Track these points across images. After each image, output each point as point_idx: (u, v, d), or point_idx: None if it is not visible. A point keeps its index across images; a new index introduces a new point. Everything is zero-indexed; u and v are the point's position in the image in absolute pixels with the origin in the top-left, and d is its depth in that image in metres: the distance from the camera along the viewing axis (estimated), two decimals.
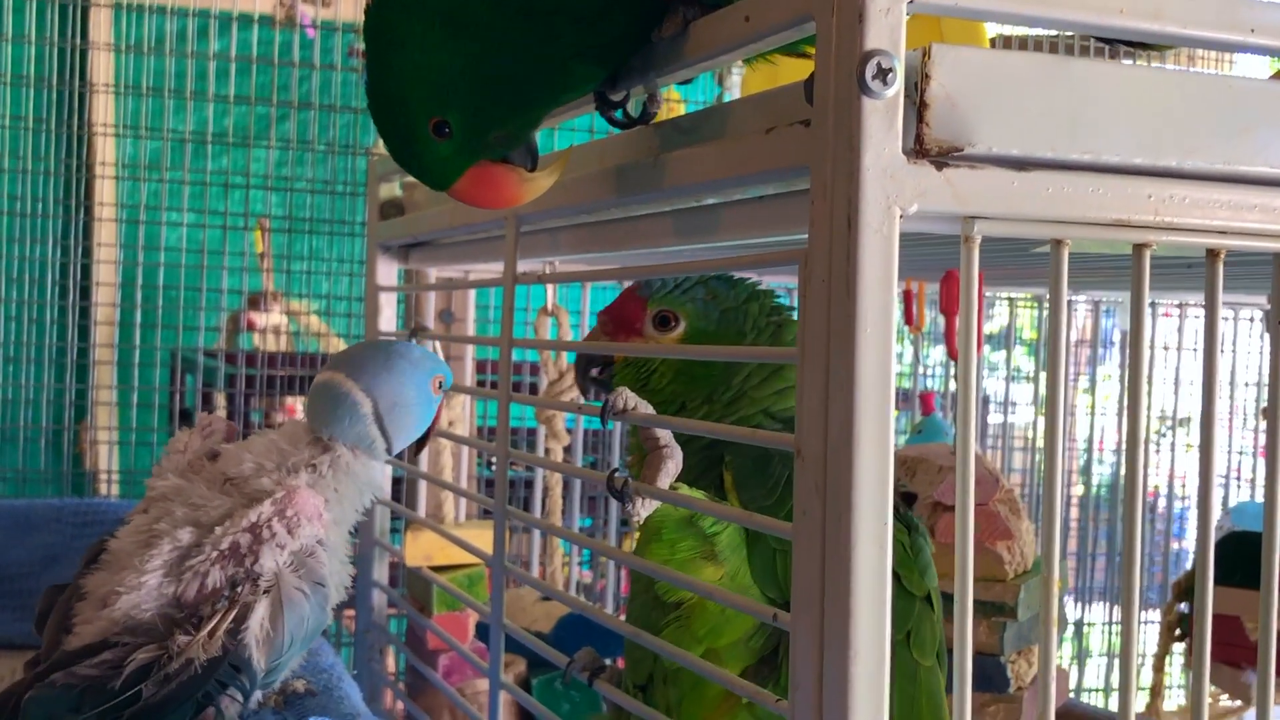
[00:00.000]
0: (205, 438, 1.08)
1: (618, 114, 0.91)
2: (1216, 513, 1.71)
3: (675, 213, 0.97)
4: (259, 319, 2.82)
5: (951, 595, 1.17)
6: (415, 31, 0.78)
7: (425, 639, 1.42)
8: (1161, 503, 2.76)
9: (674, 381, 1.05)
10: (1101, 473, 2.81)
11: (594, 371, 1.12)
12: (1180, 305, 2.38)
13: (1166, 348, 2.53)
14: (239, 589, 0.95)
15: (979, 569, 1.28)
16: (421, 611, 1.39)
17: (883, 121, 0.65)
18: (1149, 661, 1.97)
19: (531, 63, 0.81)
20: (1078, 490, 2.72)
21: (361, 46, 2.78)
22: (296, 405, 2.93)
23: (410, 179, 1.46)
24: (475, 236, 1.32)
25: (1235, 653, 1.65)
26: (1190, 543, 2.97)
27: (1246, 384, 2.48)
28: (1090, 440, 2.59)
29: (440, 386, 1.08)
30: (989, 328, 2.81)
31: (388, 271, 1.49)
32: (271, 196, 2.69)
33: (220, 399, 2.44)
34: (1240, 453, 2.64)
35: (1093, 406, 2.63)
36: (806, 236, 0.69)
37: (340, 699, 1.12)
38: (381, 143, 1.55)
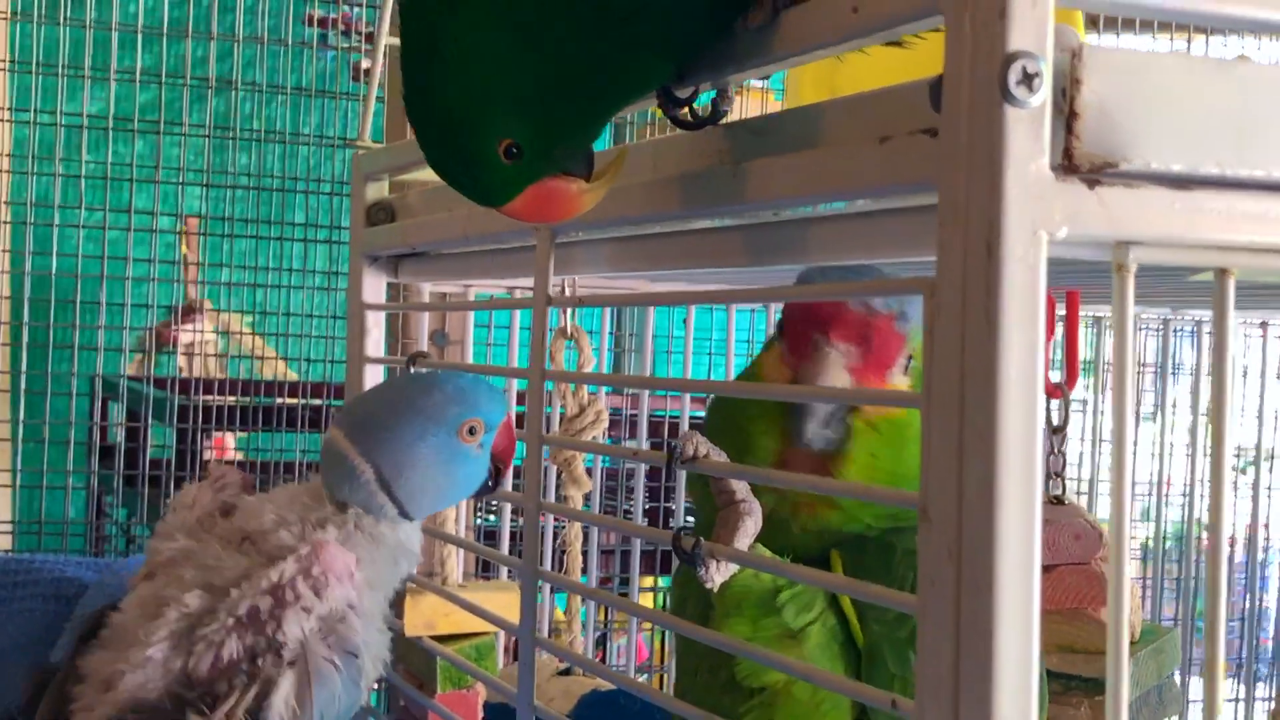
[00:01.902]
0: (217, 490, 1.10)
1: (684, 113, 0.94)
2: None
3: (749, 228, 0.99)
4: (181, 335, 2.83)
5: (1057, 674, 1.20)
6: (486, 41, 0.79)
7: None
8: (1239, 551, 2.77)
9: None
10: (1169, 517, 2.82)
11: (828, 430, 0.99)
12: (1263, 325, 2.40)
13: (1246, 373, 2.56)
14: (259, 661, 0.96)
15: (1080, 640, 1.31)
16: (421, 689, 1.41)
17: (1028, 133, 0.68)
18: None
19: (604, 67, 0.83)
20: (1139, 539, 2.73)
21: (318, 12, 2.80)
22: (227, 440, 2.94)
23: (402, 178, 1.49)
24: (488, 248, 1.34)
25: None
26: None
27: None
28: (1158, 479, 2.55)
29: (472, 432, 1.06)
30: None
31: (375, 286, 1.50)
32: (190, 192, 2.70)
33: (150, 432, 2.45)
34: None
35: (1160, 441, 2.63)
36: (934, 260, 0.72)
37: None
38: (365, 135, 1.58)
